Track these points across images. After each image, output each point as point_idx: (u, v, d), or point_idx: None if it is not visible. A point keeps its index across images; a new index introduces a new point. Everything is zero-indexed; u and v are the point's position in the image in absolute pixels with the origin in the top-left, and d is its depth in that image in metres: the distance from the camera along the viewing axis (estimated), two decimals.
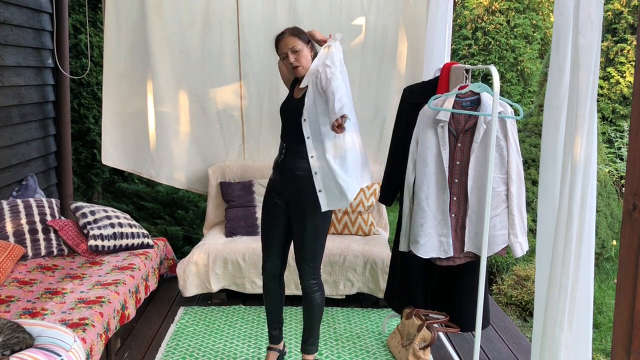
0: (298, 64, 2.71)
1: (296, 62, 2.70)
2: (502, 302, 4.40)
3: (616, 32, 8.07)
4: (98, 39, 5.40)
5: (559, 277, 1.97)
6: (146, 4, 4.16)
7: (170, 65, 4.32)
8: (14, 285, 3.01)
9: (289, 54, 2.71)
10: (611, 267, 5.33)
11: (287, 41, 2.72)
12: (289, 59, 2.71)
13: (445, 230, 2.94)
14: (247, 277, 3.85)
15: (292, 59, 2.70)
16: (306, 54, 2.73)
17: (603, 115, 7.96)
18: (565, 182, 1.94)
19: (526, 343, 3.49)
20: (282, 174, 2.81)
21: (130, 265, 3.37)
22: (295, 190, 2.79)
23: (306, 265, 2.85)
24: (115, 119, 4.36)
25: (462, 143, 2.93)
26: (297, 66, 2.71)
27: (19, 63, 3.97)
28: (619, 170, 7.05)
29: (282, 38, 2.74)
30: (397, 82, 4.40)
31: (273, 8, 4.30)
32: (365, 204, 4.22)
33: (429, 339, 3.04)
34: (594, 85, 1.86)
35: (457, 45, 8.58)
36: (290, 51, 2.70)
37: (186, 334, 3.48)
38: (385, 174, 3.43)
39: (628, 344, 1.69)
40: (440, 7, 3.99)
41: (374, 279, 3.83)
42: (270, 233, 2.90)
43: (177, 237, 5.07)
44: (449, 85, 3.16)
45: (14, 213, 3.48)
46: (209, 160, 4.57)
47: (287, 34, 2.74)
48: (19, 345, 2.07)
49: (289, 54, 2.71)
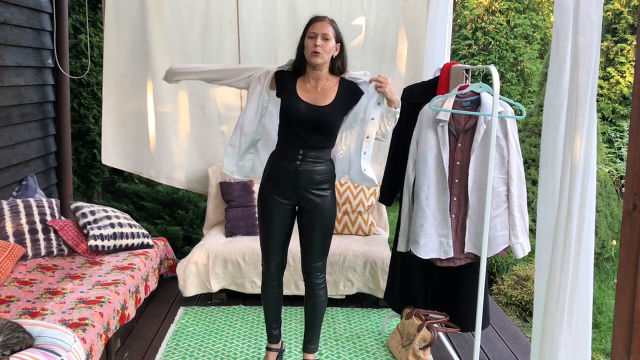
0: (321, 51, 2.66)
1: (320, 49, 2.65)
2: (502, 302, 4.40)
3: (616, 32, 8.07)
4: (98, 39, 5.40)
5: (559, 277, 1.98)
6: (146, 4, 4.16)
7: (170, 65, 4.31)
8: (14, 285, 3.01)
9: (319, 37, 2.66)
10: (611, 267, 5.33)
11: (324, 25, 2.68)
12: (316, 41, 2.65)
13: (446, 230, 2.94)
14: (247, 277, 3.85)
15: (320, 43, 2.65)
16: (331, 47, 2.69)
17: (603, 115, 7.96)
18: (565, 182, 1.94)
19: (526, 343, 3.49)
20: (299, 179, 2.76)
21: (130, 265, 3.37)
22: (313, 194, 2.78)
23: (318, 263, 2.87)
24: (115, 119, 4.36)
25: (462, 143, 2.92)
26: (319, 53, 2.66)
27: (19, 63, 3.97)
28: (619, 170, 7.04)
29: (321, 20, 2.71)
30: (397, 82, 4.39)
31: (273, 8, 4.30)
32: (365, 204, 4.22)
33: (429, 339, 3.03)
34: (593, 85, 1.86)
35: (457, 45, 8.58)
36: (322, 36, 2.66)
37: (186, 334, 3.48)
38: (385, 174, 3.43)
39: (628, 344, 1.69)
40: (440, 7, 4.00)
41: (374, 279, 3.83)
42: (274, 236, 2.87)
43: (177, 237, 5.07)
44: (449, 85, 3.15)
45: (14, 213, 3.48)
46: (209, 160, 4.57)
47: (327, 20, 2.71)
48: (19, 345, 2.07)
49: (319, 37, 2.66)
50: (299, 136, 2.73)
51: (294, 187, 2.77)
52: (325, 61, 2.70)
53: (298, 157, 2.74)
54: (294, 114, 2.72)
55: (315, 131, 2.71)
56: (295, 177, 2.76)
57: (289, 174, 2.77)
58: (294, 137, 2.74)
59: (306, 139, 2.73)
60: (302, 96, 2.75)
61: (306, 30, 2.72)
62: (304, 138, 2.73)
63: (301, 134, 2.73)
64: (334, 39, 2.70)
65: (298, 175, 2.75)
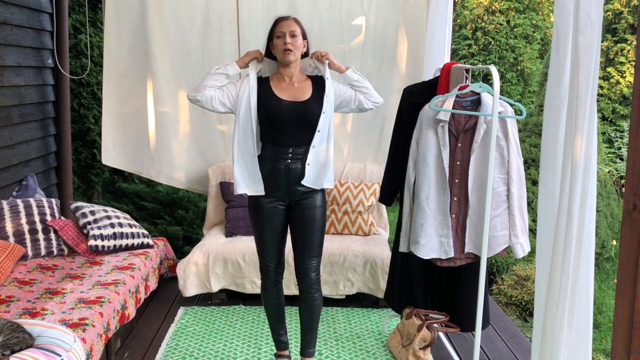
0: (292, 48, 2.70)
1: (291, 46, 2.69)
2: (502, 302, 4.40)
3: (616, 32, 8.07)
4: (98, 39, 5.40)
5: (559, 277, 1.97)
6: (146, 4, 4.16)
7: (170, 65, 4.32)
8: (14, 285, 3.01)
9: (287, 36, 2.70)
10: (611, 267, 5.33)
11: (290, 23, 2.73)
12: (285, 40, 2.70)
13: (446, 230, 2.94)
14: (247, 277, 3.85)
15: (289, 41, 2.70)
16: (300, 44, 2.74)
17: (603, 115, 7.96)
18: (565, 182, 1.94)
19: (526, 343, 3.49)
20: (291, 177, 2.77)
21: (130, 265, 3.37)
22: (304, 191, 2.80)
23: (313, 261, 2.86)
24: (115, 119, 4.36)
25: (462, 143, 2.92)
26: (291, 50, 2.69)
27: (19, 63, 3.97)
28: (619, 170, 7.05)
29: (285, 19, 2.76)
30: (397, 82, 4.40)
31: (273, 8, 4.30)
32: (365, 204, 4.22)
33: (429, 339, 3.03)
34: (593, 85, 1.86)
35: (457, 45, 8.58)
36: (289, 33, 2.70)
37: (186, 334, 3.48)
38: (385, 174, 3.43)
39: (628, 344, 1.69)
40: (440, 7, 4.00)
41: (374, 279, 3.83)
42: (273, 239, 2.87)
43: (177, 237, 5.07)
44: (449, 86, 3.15)
45: (14, 213, 3.48)
46: (209, 160, 4.56)
47: (291, 18, 2.76)
48: (19, 345, 2.07)
49: (287, 36, 2.70)
50: (287, 135, 2.74)
51: (286, 186, 2.78)
52: (297, 58, 2.75)
53: (288, 156, 2.75)
54: (278, 115, 2.73)
55: (302, 127, 2.74)
56: (287, 175, 2.77)
57: (279, 174, 2.77)
58: (281, 137, 2.75)
59: (294, 137, 2.74)
60: (280, 95, 2.77)
61: (272, 32, 2.77)
62: (291, 136, 2.74)
63: (289, 133, 2.74)
64: (301, 36, 2.76)
65: (289, 173, 2.76)
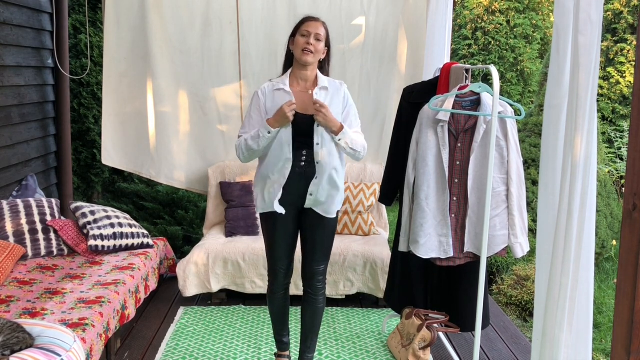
0: (314, 51, 2.69)
1: (312, 48, 2.69)
2: (502, 302, 4.40)
3: (616, 32, 8.07)
4: (98, 39, 5.40)
5: (559, 277, 1.97)
6: (146, 4, 4.16)
7: (170, 65, 4.32)
8: (14, 285, 3.01)
9: (312, 37, 2.69)
10: (611, 267, 5.33)
11: (318, 26, 2.73)
12: (309, 40, 2.69)
13: (445, 230, 2.94)
14: (247, 277, 3.85)
15: (313, 42, 2.69)
16: (321, 49, 2.74)
17: (603, 115, 7.96)
18: (565, 182, 1.94)
19: (526, 343, 3.49)
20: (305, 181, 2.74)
21: (130, 265, 3.37)
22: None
23: (321, 266, 2.86)
24: (115, 119, 4.36)
25: (462, 143, 2.93)
26: (311, 52, 2.69)
27: (19, 63, 3.97)
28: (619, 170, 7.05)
29: (315, 20, 2.75)
30: (397, 82, 4.40)
31: (273, 8, 4.30)
32: (365, 204, 4.22)
33: (429, 339, 3.03)
34: (594, 85, 1.86)
35: (457, 45, 8.58)
36: (314, 36, 2.70)
37: (186, 334, 3.48)
38: (385, 174, 3.43)
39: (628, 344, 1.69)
40: (440, 7, 4.00)
41: (374, 279, 3.83)
42: (284, 244, 2.85)
43: (177, 237, 5.07)
44: (449, 86, 3.16)
45: (14, 213, 3.48)
46: (209, 160, 4.56)
47: (321, 21, 2.76)
48: (19, 345, 2.07)
49: (312, 37, 2.69)
50: (300, 140, 2.73)
51: (300, 191, 2.76)
52: (315, 61, 2.74)
53: (302, 159, 2.74)
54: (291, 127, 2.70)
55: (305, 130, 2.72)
56: (300, 180, 2.74)
57: (294, 177, 2.74)
58: (295, 142, 2.73)
59: (307, 141, 2.73)
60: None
61: (298, 29, 2.75)
62: (305, 140, 2.73)
63: (301, 139, 2.73)
64: (325, 41, 2.75)
65: (305, 177, 2.74)
